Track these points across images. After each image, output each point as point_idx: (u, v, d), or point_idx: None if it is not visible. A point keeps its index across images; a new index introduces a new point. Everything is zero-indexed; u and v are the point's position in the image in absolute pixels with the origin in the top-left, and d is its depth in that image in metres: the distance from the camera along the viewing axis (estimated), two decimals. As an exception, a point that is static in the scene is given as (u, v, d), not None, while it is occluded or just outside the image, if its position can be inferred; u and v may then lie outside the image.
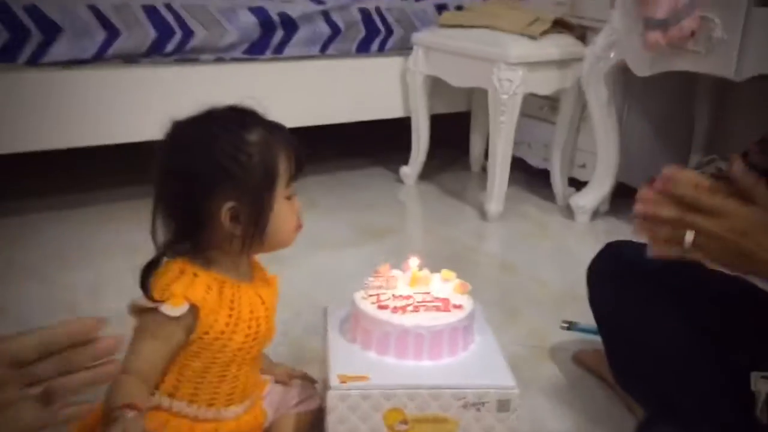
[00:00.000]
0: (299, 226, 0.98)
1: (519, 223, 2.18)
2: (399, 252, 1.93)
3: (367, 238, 2.01)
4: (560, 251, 2.03)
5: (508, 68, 2.00)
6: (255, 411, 1.03)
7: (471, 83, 2.16)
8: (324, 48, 2.21)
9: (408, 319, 1.04)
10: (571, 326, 1.57)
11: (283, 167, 0.93)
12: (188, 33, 1.96)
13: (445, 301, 1.09)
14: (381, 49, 2.32)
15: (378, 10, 2.28)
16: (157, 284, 0.90)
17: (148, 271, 0.90)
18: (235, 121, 0.92)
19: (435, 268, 1.16)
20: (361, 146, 2.68)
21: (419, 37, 2.25)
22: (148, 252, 0.92)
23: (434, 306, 1.08)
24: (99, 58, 1.86)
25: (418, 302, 1.08)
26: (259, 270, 1.04)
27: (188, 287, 0.90)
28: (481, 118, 2.44)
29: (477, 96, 2.44)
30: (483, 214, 2.17)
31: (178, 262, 0.93)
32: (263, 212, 0.92)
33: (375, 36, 2.29)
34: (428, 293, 1.11)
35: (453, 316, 1.06)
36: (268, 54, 2.12)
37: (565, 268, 1.89)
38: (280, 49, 2.13)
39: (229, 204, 0.90)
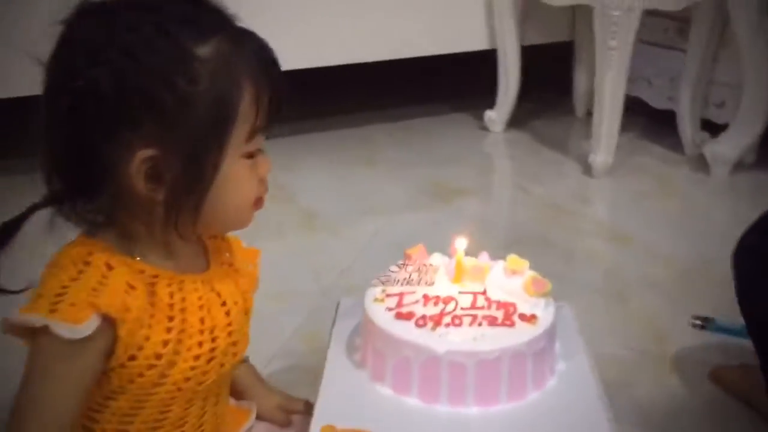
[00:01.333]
0: (259, 201, 0.63)
1: (633, 179, 1.71)
2: (477, 219, 1.54)
3: (437, 201, 1.61)
4: (689, 215, 1.57)
5: (621, -25, 1.53)
6: None
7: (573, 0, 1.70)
8: (389, -33, 1.80)
9: (441, 339, 0.64)
10: (706, 324, 1.15)
11: (246, 105, 0.57)
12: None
13: (509, 307, 0.68)
14: (461, -35, 1.88)
15: None
16: (49, 284, 0.56)
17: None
18: (185, 19, 0.56)
19: (517, 241, 0.76)
20: (437, 87, 2.25)
21: (508, -55, 1.80)
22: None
23: (489, 316, 0.67)
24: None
25: (462, 309, 0.68)
26: (220, 249, 0.68)
27: (97, 289, 0.56)
28: (588, 49, 1.94)
29: (582, 20, 1.95)
30: (587, 168, 1.72)
31: (79, 246, 0.59)
32: (202, 171, 0.57)
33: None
34: (483, 293, 0.70)
35: (519, 335, 0.65)
36: (323, -26, 1.74)
37: (695, 239, 1.43)
38: (333, -32, 1.74)
39: (146, 152, 0.55)
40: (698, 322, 1.15)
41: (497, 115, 1.97)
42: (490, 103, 1.99)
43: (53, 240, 0.59)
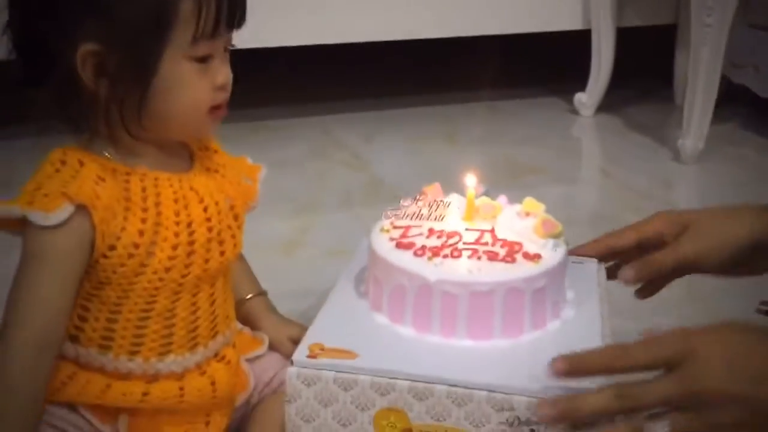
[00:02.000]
0: (216, 108, 0.64)
1: (727, 168, 1.61)
2: (547, 197, 1.48)
3: (509, 177, 1.57)
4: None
5: (720, -52, 1.44)
6: (215, 372, 0.69)
7: (670, -25, 1.61)
8: (480, -60, 1.78)
9: (437, 269, 0.63)
10: None
11: (188, 6, 0.59)
12: None
13: (514, 245, 0.66)
14: (557, -57, 1.83)
15: None
16: (28, 183, 0.61)
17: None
18: None
19: (587, 220, 0.74)
20: (527, 68, 2.20)
21: None
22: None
23: (490, 251, 0.65)
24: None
25: (465, 244, 0.66)
26: (208, 157, 0.71)
27: (68, 182, 0.60)
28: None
29: (687, 2, 1.85)
30: (677, 155, 1.63)
31: (59, 150, 0.63)
32: (141, 67, 0.59)
33: (549, -76, 1.81)
34: (490, 231, 0.68)
35: (517, 271, 0.63)
36: (407, -52, 1.74)
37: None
38: (422, -59, 1.74)
39: (91, 45, 0.59)
40: (765, 307, 1.06)
41: (587, 99, 1.90)
42: (582, 86, 1.92)
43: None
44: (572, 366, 0.56)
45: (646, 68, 2.07)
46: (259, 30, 1.65)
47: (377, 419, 0.61)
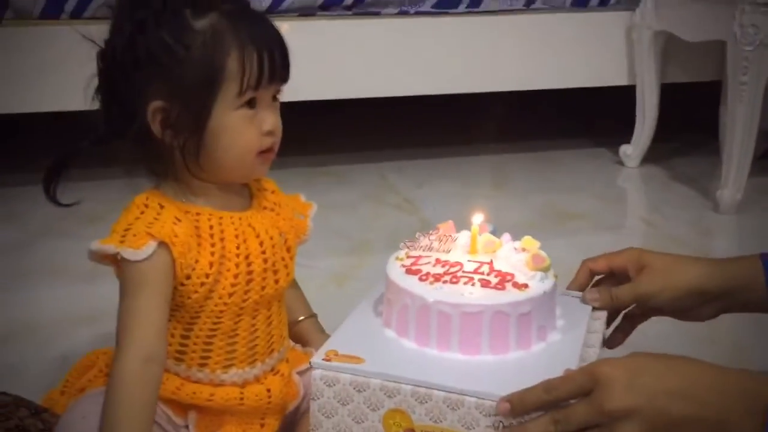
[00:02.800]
0: (266, 152, 0.76)
1: (765, 219, 1.65)
2: (586, 242, 1.58)
3: (552, 223, 1.67)
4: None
5: (754, 10, 1.52)
6: (271, 382, 0.82)
7: (708, 35, 1.69)
8: (531, 1, 1.91)
9: (435, 292, 0.74)
10: None
11: (233, 67, 0.72)
12: (370, -17, 1.80)
13: (506, 276, 0.77)
14: (604, 3, 1.94)
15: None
16: (120, 224, 0.74)
17: (57, 169, 0.76)
18: (189, 1, 0.72)
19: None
20: (577, 120, 2.29)
21: (649, -18, 1.83)
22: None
23: (484, 279, 0.76)
24: (274, 10, 1.78)
25: (464, 272, 0.78)
26: (264, 197, 0.83)
27: (151, 222, 0.73)
28: (737, 89, 1.92)
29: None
30: (716, 205, 1.69)
31: (142, 194, 0.76)
32: (196, 118, 0.72)
33: (597, -14, 1.92)
34: (489, 263, 0.79)
35: (504, 297, 0.74)
36: (462, 8, 1.88)
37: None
38: (476, 1, 1.88)
39: (158, 103, 0.72)
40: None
41: (633, 150, 1.98)
42: (628, 139, 2.00)
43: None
44: (514, 405, 0.66)
45: (692, 121, 2.13)
46: (324, 84, 1.83)
47: (385, 419, 0.72)
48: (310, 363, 0.74)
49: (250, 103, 0.74)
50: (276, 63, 0.74)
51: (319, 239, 0.93)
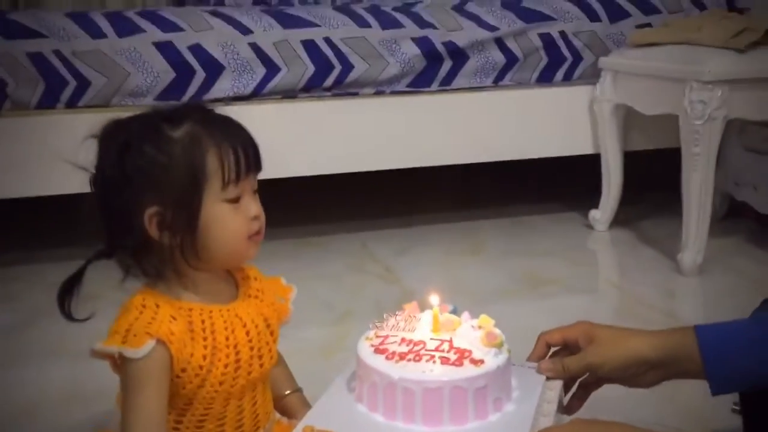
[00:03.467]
0: (254, 236, 0.85)
1: (726, 280, 1.75)
2: (557, 305, 1.66)
3: (526, 288, 1.75)
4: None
5: (701, 88, 1.64)
6: None
7: (662, 109, 1.81)
8: (499, 78, 2.04)
9: (399, 370, 0.83)
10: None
11: (213, 164, 0.81)
12: (348, 67, 1.93)
13: (464, 352, 0.85)
14: (567, 78, 2.07)
15: (563, 35, 2.05)
16: (120, 324, 0.81)
17: (69, 286, 0.83)
18: (164, 117, 0.82)
19: (592, 320, 0.96)
20: (550, 187, 2.40)
21: (607, 60, 1.97)
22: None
23: (444, 357, 0.84)
24: (258, 93, 1.90)
25: (426, 350, 0.86)
26: (248, 284, 0.91)
27: (149, 322, 0.79)
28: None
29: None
30: (679, 267, 1.79)
31: (139, 295, 0.84)
32: (189, 215, 0.80)
33: (560, 64, 2.06)
34: (449, 341, 0.88)
35: (462, 373, 0.82)
36: (435, 86, 2.01)
37: None
38: (447, 80, 2.01)
39: (152, 209, 0.81)
40: (738, 407, 1.19)
41: (601, 215, 2.09)
42: (596, 203, 2.11)
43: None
44: None
45: (658, 183, 2.24)
46: (306, 160, 1.93)
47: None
48: (287, 438, 0.82)
49: (234, 198, 0.82)
50: (250, 155, 0.82)
51: (305, 311, 1.00)
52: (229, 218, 0.82)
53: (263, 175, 2.10)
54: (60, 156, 1.83)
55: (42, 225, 2.24)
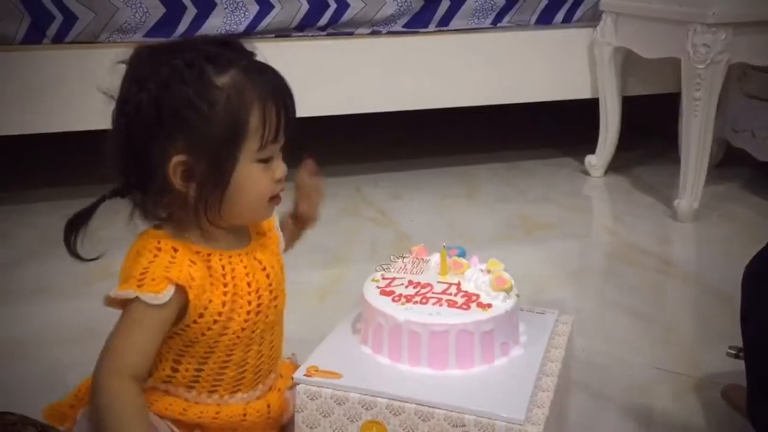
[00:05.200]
0: (275, 198, 0.80)
1: (721, 225, 1.76)
2: (552, 249, 1.66)
3: (521, 232, 1.75)
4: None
5: (705, 30, 1.61)
6: (270, 398, 0.86)
7: (663, 53, 1.79)
8: (497, 19, 1.99)
9: (405, 312, 0.81)
10: (740, 354, 1.18)
11: (255, 122, 0.74)
12: (343, 5, 1.87)
13: (472, 296, 0.84)
14: (567, 20, 2.03)
15: (565, -26, 1.99)
16: (134, 268, 0.76)
17: (76, 223, 0.78)
18: (210, 57, 0.75)
19: (583, 271, 0.92)
20: (546, 132, 2.38)
21: (608, 2, 1.93)
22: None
23: (451, 300, 0.83)
24: (251, 32, 1.84)
25: (433, 293, 0.85)
26: (257, 230, 0.87)
27: (168, 266, 0.74)
28: (695, 101, 2.01)
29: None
30: (675, 213, 1.78)
31: (152, 235, 0.79)
32: (221, 173, 0.74)
33: (560, 5, 2.01)
34: (456, 285, 0.87)
35: (468, 316, 0.81)
36: (432, 27, 1.96)
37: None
38: (445, 21, 1.96)
39: (180, 157, 0.73)
40: (733, 351, 1.19)
41: (597, 161, 2.07)
42: (592, 149, 2.10)
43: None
44: None
45: (655, 130, 2.23)
46: (299, 102, 1.89)
47: (363, 429, 0.79)
48: (293, 378, 0.81)
49: (267, 159, 0.77)
50: (291, 115, 0.76)
51: (301, 254, 0.98)
52: (259, 179, 0.77)
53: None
54: (45, 92, 1.79)
55: (27, 164, 2.19)
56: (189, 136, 0.73)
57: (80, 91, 1.60)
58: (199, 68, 0.73)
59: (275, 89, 0.76)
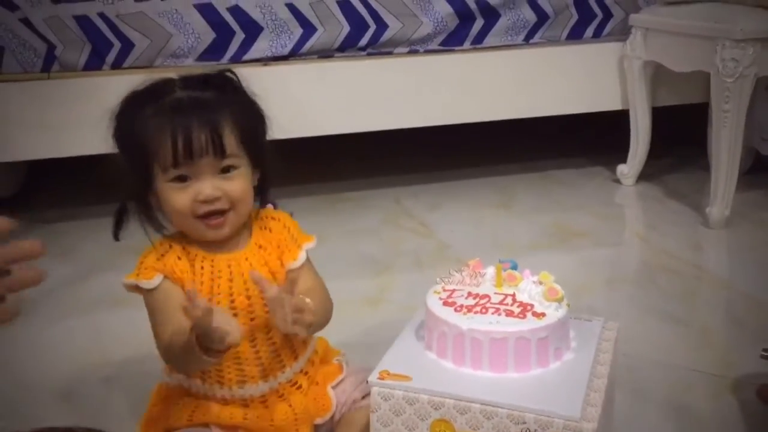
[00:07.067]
0: (205, 216, 0.91)
1: (752, 232, 1.82)
2: (587, 257, 1.74)
3: (556, 241, 1.82)
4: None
5: (733, 45, 1.68)
6: (293, 396, 0.98)
7: (692, 67, 1.85)
8: (530, 36, 2.07)
9: (468, 321, 0.90)
10: None
11: (154, 148, 0.89)
12: (382, 26, 1.97)
13: (527, 306, 0.93)
14: (597, 35, 2.10)
15: (594, -8, 2.07)
16: (139, 261, 0.95)
17: (119, 220, 0.95)
18: (152, 94, 0.91)
19: (619, 278, 1.00)
20: (579, 142, 2.45)
21: (637, 17, 2.00)
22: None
23: (509, 310, 0.92)
24: (295, 54, 1.94)
25: (491, 304, 0.93)
26: (264, 235, 0.98)
27: (158, 259, 0.93)
28: (723, 110, 2.07)
29: (717, 84, 2.08)
30: (707, 220, 1.85)
31: (165, 237, 0.96)
32: (139, 190, 0.92)
33: (590, 21, 2.09)
34: (512, 296, 0.95)
35: (525, 324, 0.89)
36: (467, 45, 2.04)
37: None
38: (479, 38, 2.04)
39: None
40: (766, 353, 1.25)
41: (628, 170, 2.14)
42: (624, 159, 2.17)
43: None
44: None
45: (685, 138, 2.29)
46: (342, 119, 1.99)
47: (433, 427, 0.87)
48: (367, 381, 0.90)
49: (181, 178, 0.89)
50: (195, 142, 0.87)
51: (349, 263, 1.06)
52: (174, 197, 0.90)
53: (301, 133, 2.16)
54: (107, 115, 1.90)
55: (94, 183, 2.30)
56: (125, 159, 0.92)
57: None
58: (140, 101, 0.90)
59: (172, 120, 0.88)
